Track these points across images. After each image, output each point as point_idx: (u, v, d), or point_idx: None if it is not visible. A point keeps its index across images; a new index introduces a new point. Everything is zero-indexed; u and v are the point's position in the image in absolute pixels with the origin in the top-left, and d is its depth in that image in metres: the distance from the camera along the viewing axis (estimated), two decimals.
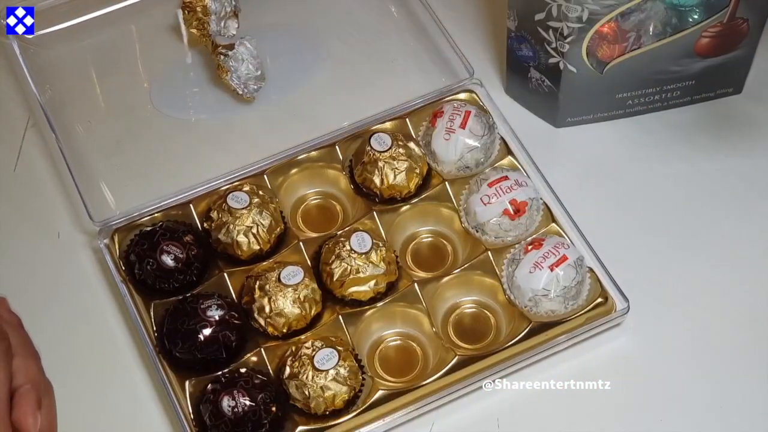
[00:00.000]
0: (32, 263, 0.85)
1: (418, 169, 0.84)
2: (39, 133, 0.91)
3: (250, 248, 0.81)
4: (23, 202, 0.88)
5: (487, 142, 0.85)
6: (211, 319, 0.77)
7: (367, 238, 0.80)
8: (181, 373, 0.77)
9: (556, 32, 0.83)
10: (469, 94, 0.88)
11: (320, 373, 0.74)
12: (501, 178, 0.82)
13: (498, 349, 0.77)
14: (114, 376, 0.79)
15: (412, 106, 0.88)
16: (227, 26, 0.94)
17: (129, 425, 0.78)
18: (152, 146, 0.90)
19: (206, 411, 0.74)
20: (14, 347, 0.69)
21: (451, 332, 0.81)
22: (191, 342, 0.76)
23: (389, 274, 0.80)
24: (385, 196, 0.84)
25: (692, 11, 0.83)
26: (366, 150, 0.84)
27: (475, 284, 0.81)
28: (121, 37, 0.96)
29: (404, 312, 0.80)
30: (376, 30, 0.97)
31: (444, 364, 0.77)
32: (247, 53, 0.91)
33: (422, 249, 0.85)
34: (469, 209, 0.82)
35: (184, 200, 0.84)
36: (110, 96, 0.93)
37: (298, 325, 0.78)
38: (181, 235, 0.81)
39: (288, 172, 0.86)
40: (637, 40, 0.84)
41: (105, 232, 0.82)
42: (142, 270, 0.80)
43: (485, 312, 0.81)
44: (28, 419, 0.66)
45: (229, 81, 0.90)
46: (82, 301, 0.83)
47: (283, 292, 0.78)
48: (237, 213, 0.81)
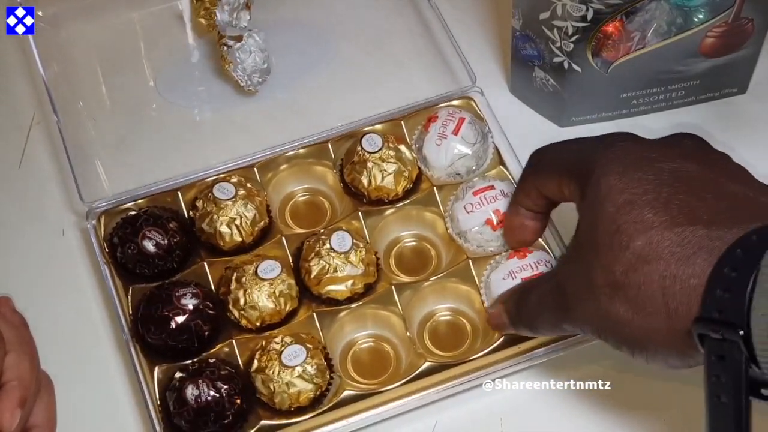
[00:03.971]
0: (23, 242, 0.86)
1: (407, 173, 0.84)
2: (43, 128, 0.92)
3: (233, 239, 0.81)
4: (24, 193, 0.89)
5: (480, 150, 0.85)
6: (185, 307, 0.77)
7: (348, 238, 0.80)
8: (153, 358, 0.77)
9: (561, 31, 0.83)
10: (466, 101, 0.88)
11: (286, 369, 0.74)
12: (487, 187, 0.81)
13: (468, 359, 0.77)
14: (88, 356, 0.80)
15: (408, 109, 0.88)
16: (239, 17, 0.95)
17: (98, 405, 0.78)
18: (151, 133, 0.91)
19: (171, 398, 0.75)
20: (10, 344, 0.70)
21: (426, 338, 0.81)
22: (163, 329, 0.77)
23: (367, 276, 0.80)
24: (372, 197, 0.84)
25: (697, 11, 0.83)
26: (356, 150, 0.84)
27: (453, 292, 0.81)
28: (126, 25, 0.97)
29: (379, 314, 0.80)
30: (385, 31, 0.97)
31: (413, 370, 0.76)
32: (256, 45, 0.92)
33: (406, 253, 0.85)
34: (453, 216, 0.82)
35: (173, 187, 0.84)
36: (114, 84, 0.94)
37: (272, 319, 0.79)
38: (165, 221, 0.81)
39: (278, 167, 0.86)
40: (641, 39, 0.84)
41: (93, 214, 0.83)
42: (124, 254, 0.81)
43: (462, 320, 0.81)
44: (6, 415, 0.67)
45: (233, 72, 0.91)
46: (65, 280, 0.84)
47: (258, 286, 0.78)
48: (222, 204, 0.81)
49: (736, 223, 0.57)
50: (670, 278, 0.57)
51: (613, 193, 0.61)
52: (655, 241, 0.58)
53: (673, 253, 0.57)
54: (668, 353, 0.59)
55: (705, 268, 0.56)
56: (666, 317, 0.58)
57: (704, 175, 0.61)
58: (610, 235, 0.60)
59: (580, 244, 0.63)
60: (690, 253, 0.57)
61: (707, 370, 0.56)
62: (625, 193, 0.60)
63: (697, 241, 0.57)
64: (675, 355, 0.59)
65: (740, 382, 0.54)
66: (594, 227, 0.61)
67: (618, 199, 0.61)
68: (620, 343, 0.62)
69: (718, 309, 0.54)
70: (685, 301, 0.57)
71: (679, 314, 0.57)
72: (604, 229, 0.61)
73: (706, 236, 0.57)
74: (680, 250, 0.57)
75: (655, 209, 0.59)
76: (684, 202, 0.59)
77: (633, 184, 0.61)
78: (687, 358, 0.59)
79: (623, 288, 0.59)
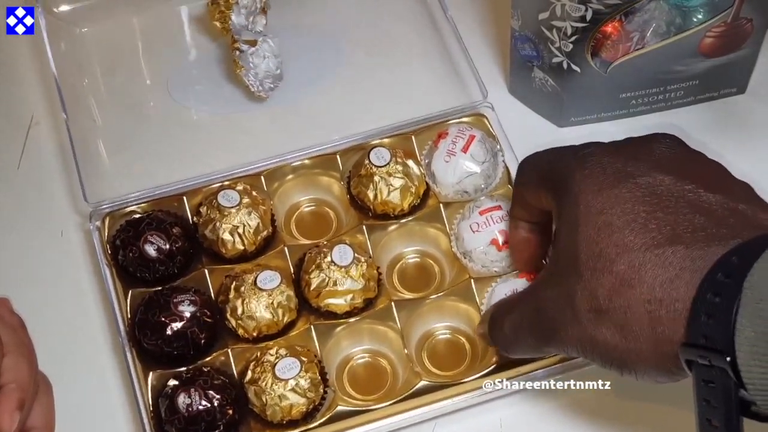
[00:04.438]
0: (23, 243, 0.86)
1: (413, 189, 0.83)
2: (42, 129, 0.92)
3: (235, 247, 0.81)
4: (26, 194, 0.89)
5: (489, 169, 0.84)
6: (182, 314, 0.77)
7: (349, 252, 0.79)
8: (148, 363, 0.77)
9: (560, 32, 0.82)
10: (478, 118, 0.87)
11: (279, 381, 0.74)
12: (494, 207, 0.80)
13: (463, 381, 0.76)
14: (84, 358, 0.80)
15: (418, 123, 0.87)
16: (255, 21, 0.94)
17: (93, 408, 0.78)
18: (159, 137, 0.90)
19: (163, 405, 0.74)
20: (6, 346, 0.70)
21: (425, 356, 0.80)
22: (159, 334, 0.76)
23: (367, 290, 0.79)
24: (378, 212, 0.83)
25: (696, 11, 0.82)
26: (364, 163, 0.83)
27: (453, 310, 0.80)
28: (138, 26, 0.97)
29: (377, 330, 0.79)
30: (397, 41, 0.96)
31: (408, 388, 0.76)
32: (269, 51, 0.91)
33: (409, 269, 0.84)
34: (459, 235, 0.81)
35: (178, 192, 0.84)
36: (121, 85, 0.94)
37: (269, 330, 0.78)
38: (168, 226, 0.81)
39: (285, 177, 0.86)
40: (641, 39, 0.83)
41: (97, 215, 0.83)
42: (125, 257, 0.80)
43: (461, 339, 0.80)
44: (5, 417, 0.67)
45: (244, 77, 0.90)
46: (65, 282, 0.83)
47: (257, 296, 0.77)
48: (225, 211, 0.81)
49: (716, 240, 0.57)
50: (655, 302, 0.57)
51: (592, 214, 0.61)
52: (637, 264, 0.58)
53: (656, 276, 0.57)
54: (657, 373, 0.59)
55: (689, 291, 0.56)
56: (653, 341, 0.58)
57: (680, 188, 0.61)
58: (592, 258, 0.60)
59: (561, 267, 0.63)
60: (673, 275, 0.57)
61: (696, 394, 0.56)
62: (604, 214, 0.60)
63: (679, 262, 0.57)
64: (664, 374, 0.59)
65: (731, 407, 0.54)
66: (574, 250, 0.61)
67: (597, 221, 0.60)
68: (607, 365, 0.62)
69: (704, 335, 0.54)
70: (671, 326, 0.57)
71: (666, 338, 0.57)
72: (586, 252, 0.60)
73: (688, 256, 0.57)
74: (662, 272, 0.57)
75: (635, 231, 0.59)
76: (662, 221, 0.59)
77: (610, 203, 0.60)
78: (676, 377, 0.59)
79: (607, 313, 0.59)
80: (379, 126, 0.87)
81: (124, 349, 0.77)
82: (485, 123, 0.87)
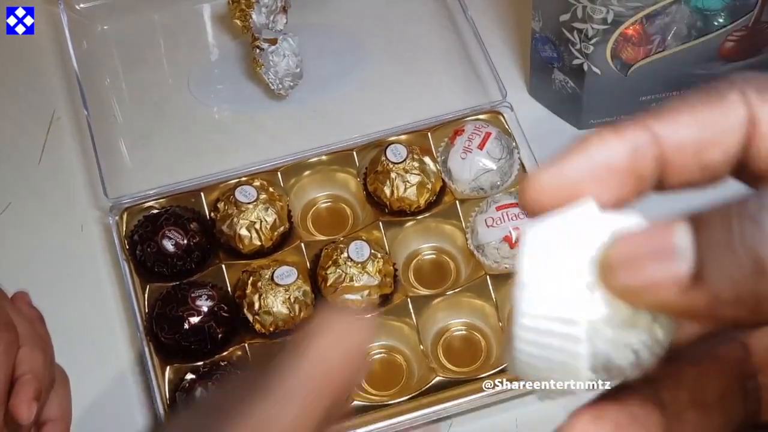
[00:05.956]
0: (42, 237, 0.87)
1: (430, 185, 0.83)
2: (63, 124, 0.93)
3: (252, 243, 0.82)
4: (46, 189, 0.90)
5: (505, 166, 0.84)
6: (200, 308, 0.77)
7: (366, 248, 0.79)
8: (166, 357, 0.78)
9: (581, 33, 0.82)
10: (494, 116, 0.87)
11: None
12: (510, 204, 0.80)
13: (479, 377, 0.76)
14: (102, 351, 0.81)
15: (436, 120, 0.87)
16: (275, 20, 0.95)
17: (107, 401, 0.79)
18: (179, 133, 0.91)
19: (181, 399, 0.75)
20: (23, 338, 0.70)
21: (440, 352, 0.80)
22: (177, 329, 0.77)
23: (384, 286, 0.79)
24: (394, 208, 0.84)
25: (717, 15, 0.82)
26: (381, 160, 0.83)
27: (469, 307, 0.80)
28: (159, 24, 0.98)
29: (393, 326, 0.80)
30: (417, 41, 0.96)
31: (423, 384, 0.76)
32: (290, 49, 0.92)
33: (425, 265, 0.84)
34: (474, 228, 0.81)
35: (196, 188, 0.85)
36: (142, 82, 0.95)
37: (286, 325, 0.78)
38: (185, 221, 0.81)
39: (302, 173, 0.86)
40: (661, 42, 0.83)
41: (116, 210, 0.84)
42: (143, 252, 0.81)
43: (476, 335, 0.81)
44: (23, 407, 0.67)
45: (264, 75, 0.91)
46: (83, 276, 0.84)
47: (274, 291, 0.78)
48: (243, 207, 0.81)
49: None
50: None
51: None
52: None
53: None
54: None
55: None
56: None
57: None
58: None
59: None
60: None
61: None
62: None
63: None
64: None
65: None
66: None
67: None
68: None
69: None
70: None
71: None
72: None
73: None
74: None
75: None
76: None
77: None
78: None
79: None
80: (397, 122, 0.87)
81: (141, 343, 0.78)
82: (501, 121, 0.87)
